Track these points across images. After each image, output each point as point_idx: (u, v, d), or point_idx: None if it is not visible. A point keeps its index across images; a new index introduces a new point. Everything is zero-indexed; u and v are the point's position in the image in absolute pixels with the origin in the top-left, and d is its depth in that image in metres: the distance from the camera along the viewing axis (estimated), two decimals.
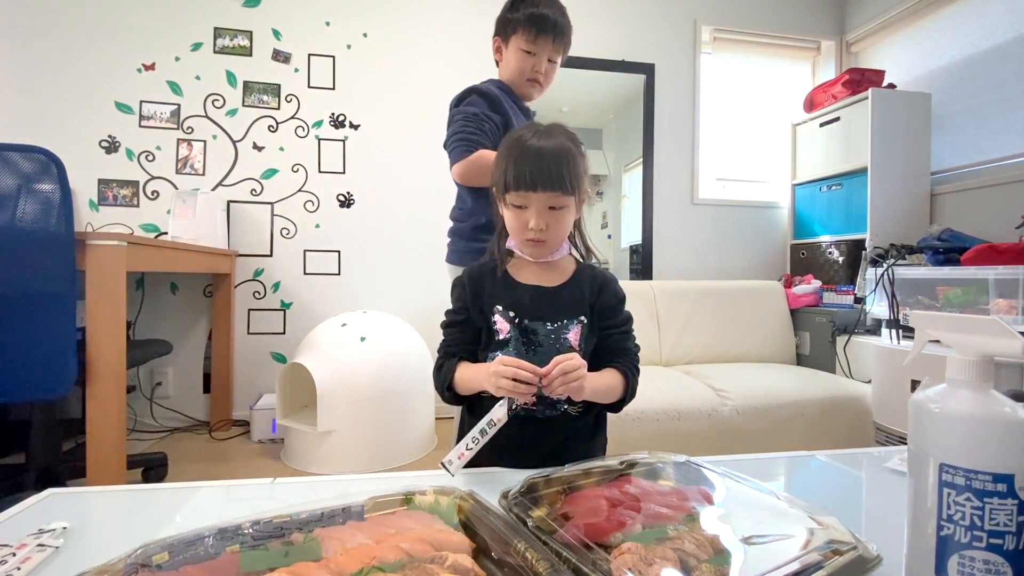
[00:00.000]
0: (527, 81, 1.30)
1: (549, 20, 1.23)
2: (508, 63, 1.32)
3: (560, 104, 2.87)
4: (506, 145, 0.79)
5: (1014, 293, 1.67)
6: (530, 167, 0.74)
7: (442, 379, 0.79)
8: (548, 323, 0.78)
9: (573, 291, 0.81)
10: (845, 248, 2.59)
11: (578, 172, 0.77)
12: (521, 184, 0.74)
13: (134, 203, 2.40)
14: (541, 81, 1.31)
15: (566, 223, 0.79)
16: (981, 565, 0.34)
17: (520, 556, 0.41)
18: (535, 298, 0.79)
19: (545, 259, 0.82)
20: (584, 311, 0.80)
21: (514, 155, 0.75)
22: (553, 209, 0.76)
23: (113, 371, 1.38)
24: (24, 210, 1.24)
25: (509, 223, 0.79)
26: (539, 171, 0.73)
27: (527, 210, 0.76)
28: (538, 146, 0.75)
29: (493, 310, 0.80)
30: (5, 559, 0.44)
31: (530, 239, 0.77)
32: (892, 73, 2.74)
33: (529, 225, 0.75)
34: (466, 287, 0.83)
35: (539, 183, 0.74)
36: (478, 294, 0.82)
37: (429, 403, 2.15)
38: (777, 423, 1.90)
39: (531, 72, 1.28)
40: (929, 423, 0.37)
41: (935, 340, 0.40)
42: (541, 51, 1.26)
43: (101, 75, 2.36)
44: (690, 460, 0.64)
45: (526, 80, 1.30)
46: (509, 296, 0.80)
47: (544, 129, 0.78)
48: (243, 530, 0.44)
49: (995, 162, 2.32)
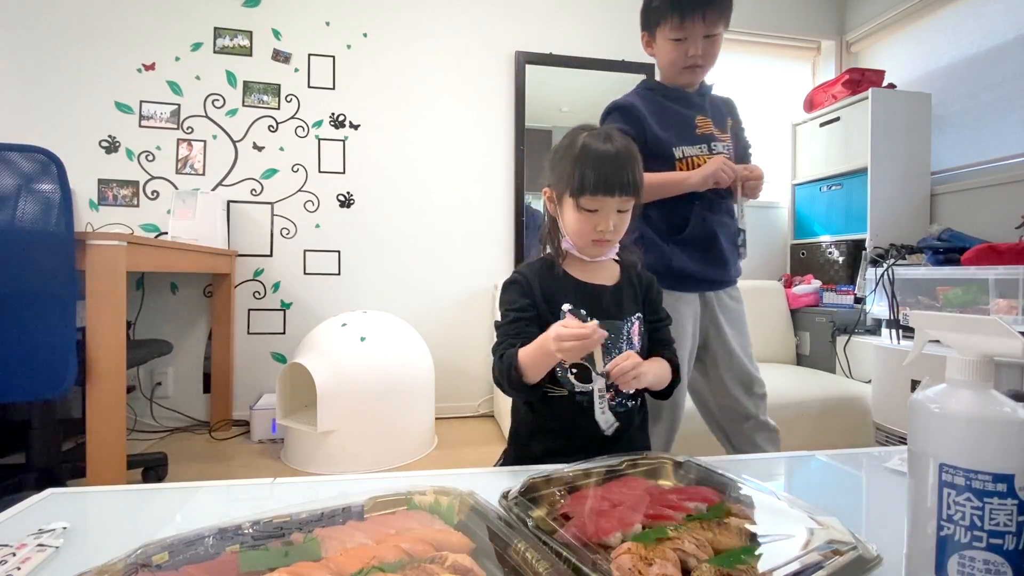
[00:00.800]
0: (684, 70, 1.20)
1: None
2: (659, 57, 1.23)
3: (560, 104, 2.87)
4: (568, 149, 0.81)
5: (1014, 293, 1.67)
6: (606, 172, 0.76)
7: (505, 365, 0.76)
8: (615, 320, 0.82)
9: (628, 289, 0.86)
10: (845, 248, 2.59)
11: (641, 174, 0.81)
12: (598, 189, 0.76)
13: (134, 203, 2.40)
14: (700, 63, 1.19)
15: (627, 223, 0.82)
16: (981, 565, 0.34)
17: (520, 556, 0.41)
18: (601, 297, 0.83)
19: (601, 259, 0.85)
20: (639, 307, 0.86)
21: (585, 160, 0.77)
22: (621, 212, 0.80)
23: (113, 371, 1.38)
24: (24, 210, 1.24)
25: (576, 225, 0.80)
26: (614, 176, 0.76)
27: (598, 213, 0.78)
28: (608, 151, 0.78)
29: (561, 309, 0.82)
30: (5, 559, 0.44)
31: (596, 240, 0.80)
32: (892, 73, 2.74)
33: (599, 228, 0.79)
34: (530, 284, 0.84)
35: (616, 188, 0.77)
36: (543, 292, 0.84)
37: (429, 403, 2.15)
38: (777, 423, 1.89)
39: (686, 60, 1.18)
40: (929, 423, 0.37)
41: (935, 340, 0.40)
42: (692, 34, 1.15)
43: (101, 75, 2.36)
44: (690, 460, 0.64)
45: (683, 69, 1.20)
46: (576, 295, 0.83)
47: (604, 133, 0.81)
48: (243, 530, 0.44)
49: (995, 162, 2.32)
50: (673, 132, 1.21)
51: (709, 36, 1.16)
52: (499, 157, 2.72)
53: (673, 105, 1.23)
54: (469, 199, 2.69)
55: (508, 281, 0.87)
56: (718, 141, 1.22)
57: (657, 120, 1.21)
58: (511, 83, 2.72)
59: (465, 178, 2.69)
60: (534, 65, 2.73)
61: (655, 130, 1.20)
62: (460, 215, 2.67)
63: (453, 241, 2.66)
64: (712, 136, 1.22)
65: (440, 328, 2.52)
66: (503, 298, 0.86)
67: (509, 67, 2.72)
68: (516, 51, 2.72)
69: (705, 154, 1.19)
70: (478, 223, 2.68)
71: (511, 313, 0.83)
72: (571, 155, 0.79)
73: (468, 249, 2.66)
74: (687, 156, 1.19)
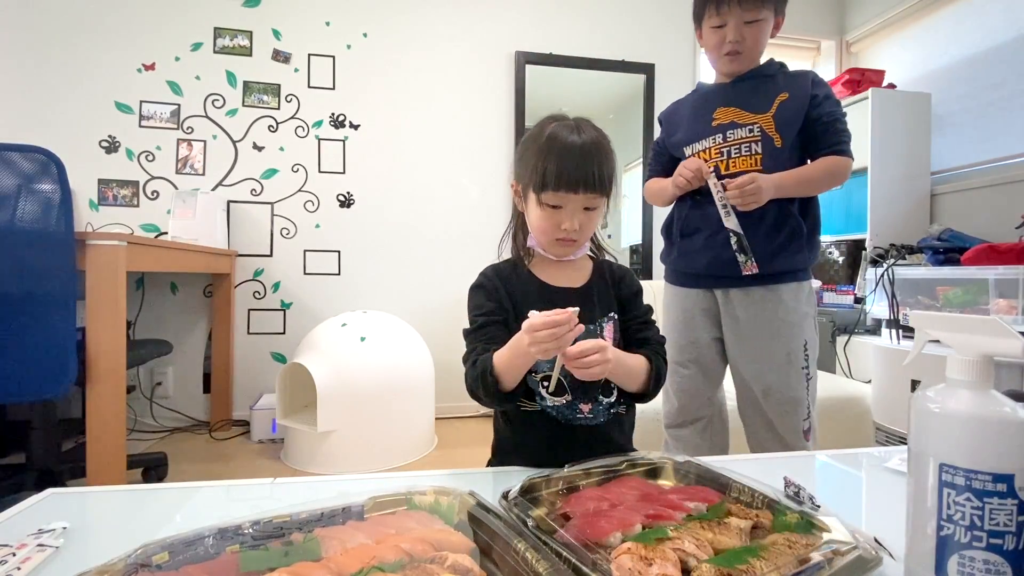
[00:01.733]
0: (724, 57, 1.17)
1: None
2: (705, 47, 1.21)
3: (560, 104, 2.87)
4: (535, 140, 0.75)
5: (1014, 293, 1.67)
6: (570, 166, 0.70)
7: (480, 371, 0.70)
8: (587, 324, 0.74)
9: (600, 288, 0.80)
10: (845, 248, 2.59)
11: (612, 170, 0.74)
12: (560, 184, 0.70)
13: (134, 203, 2.40)
14: (738, 50, 1.15)
15: (596, 222, 0.77)
16: (981, 565, 0.34)
17: (520, 556, 0.41)
18: (569, 300, 0.75)
19: (570, 258, 0.80)
20: (613, 307, 0.80)
21: (549, 152, 0.71)
22: (588, 209, 0.74)
23: (113, 371, 1.38)
24: (24, 210, 1.24)
25: (538, 222, 0.75)
26: (579, 171, 0.70)
27: (562, 210, 0.73)
28: (574, 143, 0.71)
29: (527, 314, 0.78)
30: (5, 559, 0.44)
31: (560, 239, 0.75)
32: (892, 73, 2.74)
33: (563, 226, 0.73)
34: (497, 287, 0.80)
35: (580, 184, 0.70)
36: (509, 295, 0.79)
37: (429, 403, 2.15)
38: None
39: (724, 47, 1.15)
40: (929, 423, 0.37)
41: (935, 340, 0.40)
42: (730, 19, 1.13)
43: (101, 75, 2.36)
44: (690, 460, 0.64)
45: (723, 56, 1.17)
46: (542, 299, 0.76)
47: (574, 123, 0.74)
48: (243, 530, 0.44)
49: (995, 162, 2.32)
50: (684, 131, 1.22)
51: (751, 23, 1.13)
52: (499, 157, 2.72)
53: (701, 100, 1.23)
54: (469, 199, 2.69)
55: (474, 285, 0.82)
56: (740, 127, 1.17)
57: (685, 121, 1.23)
58: (511, 83, 2.72)
59: (465, 178, 2.69)
60: (534, 65, 2.73)
61: (675, 134, 1.22)
62: (460, 215, 2.67)
63: (453, 241, 2.66)
64: (731, 124, 1.17)
65: (440, 328, 2.52)
66: (470, 303, 0.81)
67: (509, 67, 2.72)
68: (516, 51, 2.72)
69: (716, 145, 1.17)
70: (478, 223, 2.68)
71: (480, 318, 0.78)
72: (536, 146, 0.73)
73: (468, 249, 2.66)
74: (695, 152, 1.20)
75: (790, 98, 1.15)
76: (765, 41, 1.17)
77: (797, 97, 1.15)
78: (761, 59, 1.21)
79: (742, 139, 1.16)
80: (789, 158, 1.16)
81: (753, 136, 1.16)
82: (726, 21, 1.14)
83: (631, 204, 2.95)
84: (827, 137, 1.14)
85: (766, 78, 1.20)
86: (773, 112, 1.16)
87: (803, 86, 1.16)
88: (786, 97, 1.16)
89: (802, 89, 1.16)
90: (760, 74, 1.20)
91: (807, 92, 1.15)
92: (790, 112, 1.15)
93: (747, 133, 1.16)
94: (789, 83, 1.18)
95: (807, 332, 1.18)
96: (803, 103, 1.14)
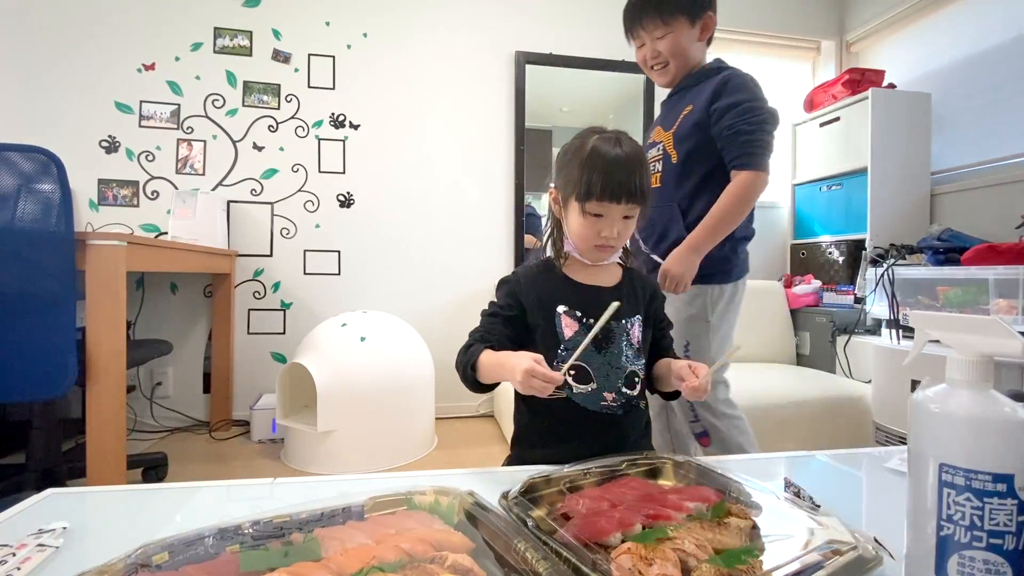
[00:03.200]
0: (652, 72, 1.29)
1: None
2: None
3: (560, 104, 2.87)
4: (577, 152, 0.79)
5: (1014, 293, 1.67)
6: (615, 178, 0.75)
7: (467, 359, 0.77)
8: (614, 320, 0.79)
9: (629, 291, 0.85)
10: (845, 248, 2.59)
11: (649, 180, 0.80)
12: (604, 195, 0.76)
13: (134, 203, 2.40)
14: (661, 62, 1.24)
15: (632, 229, 0.82)
16: (981, 565, 0.34)
17: (520, 556, 0.41)
18: (600, 297, 0.81)
19: (604, 263, 0.85)
20: (639, 310, 0.85)
21: (594, 164, 0.76)
22: (626, 218, 0.79)
23: (113, 371, 1.38)
24: (24, 210, 1.24)
25: (580, 229, 0.80)
26: (623, 183, 0.76)
27: (603, 219, 0.78)
28: (617, 156, 0.77)
29: (556, 311, 0.81)
30: (5, 559, 0.44)
31: (599, 245, 0.80)
32: (892, 73, 2.74)
33: (603, 233, 0.78)
34: (523, 286, 0.84)
35: (623, 195, 0.76)
36: (537, 294, 0.83)
37: (429, 403, 2.15)
38: (777, 423, 1.90)
39: (648, 63, 1.27)
40: (929, 423, 0.37)
41: (935, 340, 0.40)
42: (644, 39, 1.24)
43: (101, 75, 2.36)
44: (690, 460, 0.64)
45: (651, 71, 1.29)
46: (573, 297, 0.82)
47: (615, 136, 0.79)
48: (243, 530, 0.44)
49: (995, 162, 2.32)
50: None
51: (661, 38, 1.20)
52: (499, 157, 2.71)
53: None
54: (469, 199, 2.69)
55: (502, 279, 0.89)
56: (654, 146, 1.23)
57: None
58: (511, 83, 2.72)
59: (465, 178, 2.68)
60: (534, 65, 2.73)
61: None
62: (460, 215, 2.67)
63: (453, 241, 2.66)
64: (651, 144, 1.24)
65: (440, 328, 2.52)
66: (496, 292, 0.88)
67: (509, 67, 2.72)
68: (516, 51, 2.72)
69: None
70: (478, 223, 2.68)
71: (494, 307, 0.85)
72: (579, 158, 0.78)
73: (468, 249, 2.66)
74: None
75: (691, 111, 1.18)
76: (687, 48, 1.20)
77: (696, 110, 1.17)
78: (705, 59, 1.23)
79: (653, 158, 1.22)
80: (683, 173, 1.17)
81: (658, 155, 1.21)
82: (643, 41, 1.21)
83: None
84: (728, 152, 1.13)
85: (687, 90, 1.23)
86: (674, 130, 1.20)
87: (706, 96, 1.16)
88: (688, 110, 1.19)
89: (704, 101, 1.16)
90: (686, 86, 1.23)
91: (706, 104, 1.15)
92: (686, 127, 1.17)
93: (657, 152, 1.22)
94: (696, 95, 1.19)
95: (691, 333, 1.19)
96: (701, 116, 1.15)
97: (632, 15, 1.23)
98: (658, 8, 1.18)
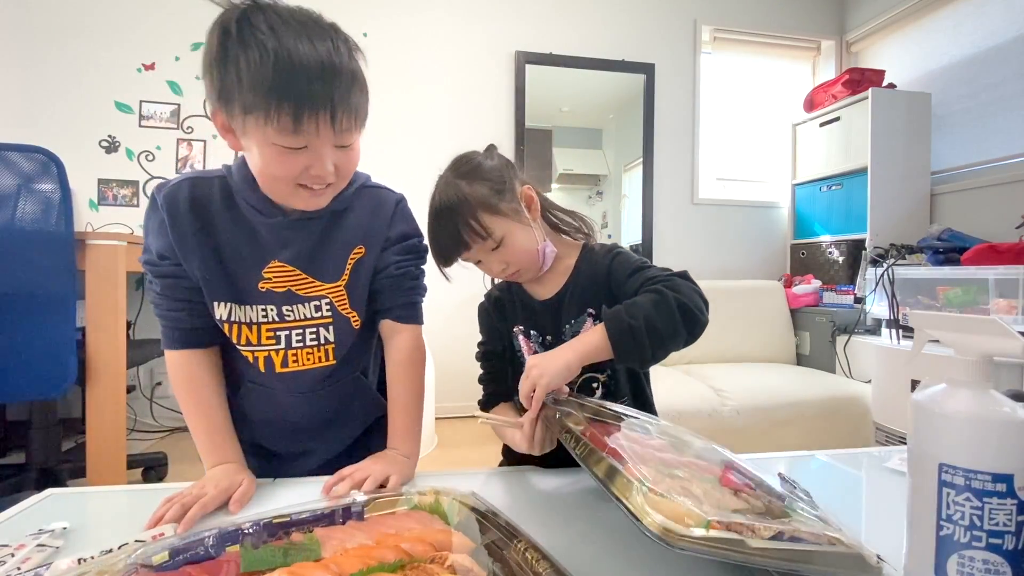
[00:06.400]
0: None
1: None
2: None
3: (560, 104, 2.87)
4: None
5: (1014, 293, 1.67)
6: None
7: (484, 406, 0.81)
8: (549, 336, 0.77)
9: (572, 293, 0.77)
10: (845, 248, 2.59)
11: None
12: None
13: (134, 203, 2.40)
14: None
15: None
16: (980, 565, 0.34)
17: (520, 556, 0.41)
18: (541, 313, 0.78)
19: (542, 273, 0.79)
20: (592, 304, 0.74)
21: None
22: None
23: (113, 371, 1.38)
24: (24, 210, 1.24)
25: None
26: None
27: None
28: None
29: (514, 331, 0.80)
30: (5, 559, 0.44)
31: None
32: (892, 73, 2.74)
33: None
34: (488, 312, 0.83)
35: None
36: (502, 317, 0.82)
37: (429, 403, 2.14)
38: (777, 423, 1.90)
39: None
40: (929, 423, 0.37)
41: (935, 340, 0.40)
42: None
43: (101, 75, 2.36)
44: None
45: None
46: (526, 315, 0.79)
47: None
48: (243, 530, 0.44)
49: (995, 162, 2.32)
50: None
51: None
52: None
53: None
54: None
55: (478, 308, 0.86)
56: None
57: None
58: (511, 83, 2.72)
59: None
60: (534, 65, 2.73)
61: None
62: None
63: None
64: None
65: (440, 328, 2.52)
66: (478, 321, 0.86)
67: (509, 67, 2.72)
68: (516, 51, 2.72)
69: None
70: None
71: (482, 347, 0.84)
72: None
73: None
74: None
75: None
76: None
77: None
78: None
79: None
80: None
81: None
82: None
83: (631, 204, 2.95)
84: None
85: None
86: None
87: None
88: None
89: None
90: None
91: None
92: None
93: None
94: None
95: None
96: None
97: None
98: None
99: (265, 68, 0.53)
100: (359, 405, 0.79)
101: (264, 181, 0.62)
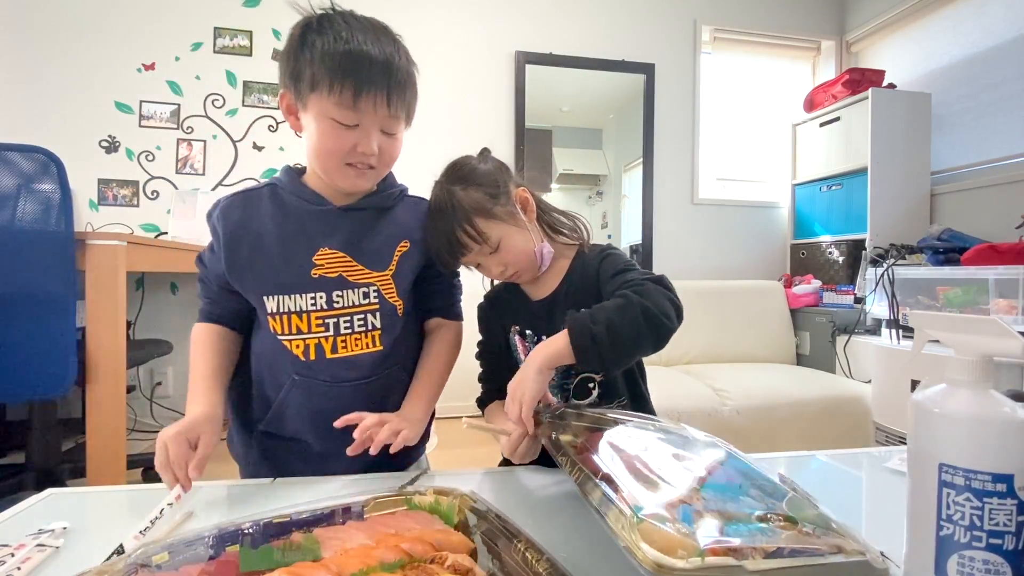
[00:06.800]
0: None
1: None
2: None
3: (560, 104, 2.87)
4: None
5: (1014, 293, 1.67)
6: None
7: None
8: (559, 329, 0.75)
9: (567, 295, 0.77)
10: (845, 248, 2.59)
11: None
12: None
13: (134, 203, 2.40)
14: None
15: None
16: (980, 565, 0.34)
17: (520, 556, 0.41)
18: (535, 315, 0.79)
19: (540, 273, 0.79)
20: (589, 301, 0.73)
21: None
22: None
23: (113, 371, 1.38)
24: (24, 210, 1.24)
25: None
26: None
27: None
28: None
29: (511, 333, 0.80)
30: (5, 559, 0.44)
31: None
32: (892, 73, 2.74)
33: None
34: (488, 313, 0.84)
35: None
36: (499, 319, 0.83)
37: None
38: (777, 423, 1.90)
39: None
40: (929, 423, 0.37)
41: (935, 340, 0.40)
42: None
43: (101, 75, 2.36)
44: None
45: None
46: (522, 316, 0.80)
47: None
48: (243, 530, 0.44)
49: (995, 162, 2.32)
50: None
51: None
52: (499, 157, 2.71)
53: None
54: None
55: (478, 305, 0.88)
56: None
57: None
58: (511, 83, 2.72)
59: None
60: (534, 65, 2.73)
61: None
62: None
63: None
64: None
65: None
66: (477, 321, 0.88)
67: (509, 67, 2.72)
68: (516, 51, 2.72)
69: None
70: None
71: (482, 346, 0.86)
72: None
73: None
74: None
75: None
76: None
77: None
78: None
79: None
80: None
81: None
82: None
83: (631, 204, 2.95)
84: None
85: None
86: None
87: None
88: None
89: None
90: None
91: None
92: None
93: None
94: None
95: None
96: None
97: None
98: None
99: (336, 50, 0.62)
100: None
101: (318, 155, 0.69)
